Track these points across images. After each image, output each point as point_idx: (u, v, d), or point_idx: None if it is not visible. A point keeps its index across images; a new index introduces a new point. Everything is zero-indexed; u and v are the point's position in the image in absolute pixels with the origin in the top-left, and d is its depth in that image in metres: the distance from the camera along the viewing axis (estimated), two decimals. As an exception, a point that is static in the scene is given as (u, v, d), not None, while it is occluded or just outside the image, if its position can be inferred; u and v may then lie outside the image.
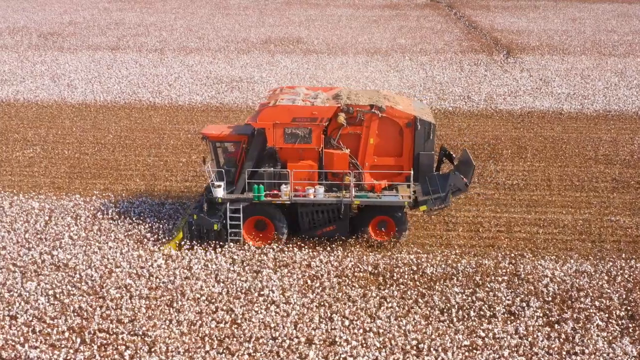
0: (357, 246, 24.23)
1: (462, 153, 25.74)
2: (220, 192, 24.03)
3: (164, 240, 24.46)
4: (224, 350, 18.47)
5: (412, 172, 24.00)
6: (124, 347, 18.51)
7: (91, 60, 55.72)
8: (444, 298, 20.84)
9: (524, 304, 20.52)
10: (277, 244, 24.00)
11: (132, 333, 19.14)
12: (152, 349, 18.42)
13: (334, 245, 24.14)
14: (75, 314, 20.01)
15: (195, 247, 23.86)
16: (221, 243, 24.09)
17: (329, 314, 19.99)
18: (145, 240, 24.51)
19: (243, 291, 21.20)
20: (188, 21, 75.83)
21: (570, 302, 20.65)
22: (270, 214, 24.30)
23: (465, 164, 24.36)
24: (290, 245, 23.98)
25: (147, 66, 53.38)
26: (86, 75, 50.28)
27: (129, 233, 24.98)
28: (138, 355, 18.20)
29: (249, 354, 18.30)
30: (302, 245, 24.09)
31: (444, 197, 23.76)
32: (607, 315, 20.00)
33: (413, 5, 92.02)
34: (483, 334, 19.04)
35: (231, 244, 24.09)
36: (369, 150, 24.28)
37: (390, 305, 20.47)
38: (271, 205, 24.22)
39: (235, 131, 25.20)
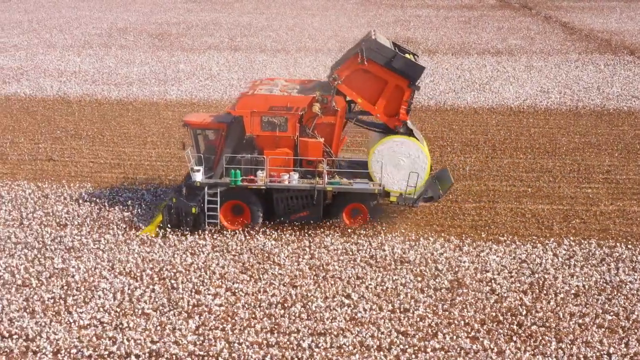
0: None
1: (441, 170, 27.97)
2: (199, 177, 25.00)
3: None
4: (524, 339, 19.27)
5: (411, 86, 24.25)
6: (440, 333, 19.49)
7: (225, 60, 56.08)
8: None
9: None
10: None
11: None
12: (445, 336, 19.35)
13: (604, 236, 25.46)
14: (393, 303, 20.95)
15: (435, 240, 24.63)
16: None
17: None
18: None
19: (522, 281, 22.18)
20: (282, 22, 76.25)
21: None
22: (246, 198, 25.15)
23: (443, 179, 26.36)
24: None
25: (289, 66, 53.68)
26: (237, 75, 50.69)
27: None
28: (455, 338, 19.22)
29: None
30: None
31: (413, 200, 25.07)
32: None
33: (487, 5, 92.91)
34: None
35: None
36: (375, 109, 24.74)
37: None
38: (247, 190, 25.02)
39: (216, 119, 26.11)
